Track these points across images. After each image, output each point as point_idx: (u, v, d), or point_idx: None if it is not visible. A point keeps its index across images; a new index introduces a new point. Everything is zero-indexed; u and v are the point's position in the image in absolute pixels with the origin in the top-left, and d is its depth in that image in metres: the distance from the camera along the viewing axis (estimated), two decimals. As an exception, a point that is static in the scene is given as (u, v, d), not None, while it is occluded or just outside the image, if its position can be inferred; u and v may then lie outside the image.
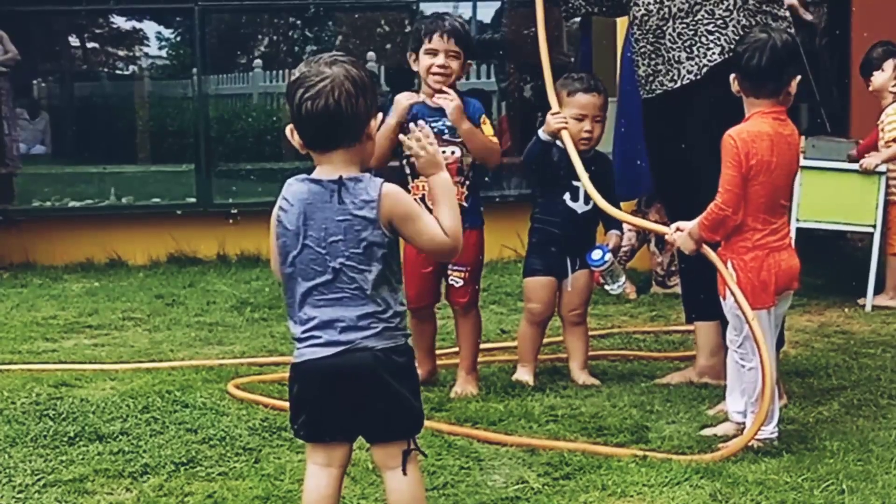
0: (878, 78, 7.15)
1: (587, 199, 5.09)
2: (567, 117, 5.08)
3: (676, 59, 4.86)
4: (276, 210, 3.12)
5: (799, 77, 4.36)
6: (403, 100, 4.96)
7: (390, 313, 3.06)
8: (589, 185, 4.91)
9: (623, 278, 5.24)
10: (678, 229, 4.38)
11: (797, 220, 6.75)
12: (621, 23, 7.70)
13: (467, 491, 3.83)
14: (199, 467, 4.06)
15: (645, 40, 4.96)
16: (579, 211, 5.21)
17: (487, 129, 4.97)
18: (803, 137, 7.05)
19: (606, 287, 5.23)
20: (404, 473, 3.11)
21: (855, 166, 6.90)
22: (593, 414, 4.64)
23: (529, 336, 5.25)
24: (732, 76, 4.30)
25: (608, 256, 5.11)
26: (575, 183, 5.10)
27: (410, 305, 4.90)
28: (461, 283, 5.05)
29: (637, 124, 5.46)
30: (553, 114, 5.07)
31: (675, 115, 4.90)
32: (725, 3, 4.79)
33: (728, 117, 4.33)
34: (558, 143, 5.10)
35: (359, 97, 3.01)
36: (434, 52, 4.93)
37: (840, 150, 7.09)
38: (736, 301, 4.15)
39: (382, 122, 4.45)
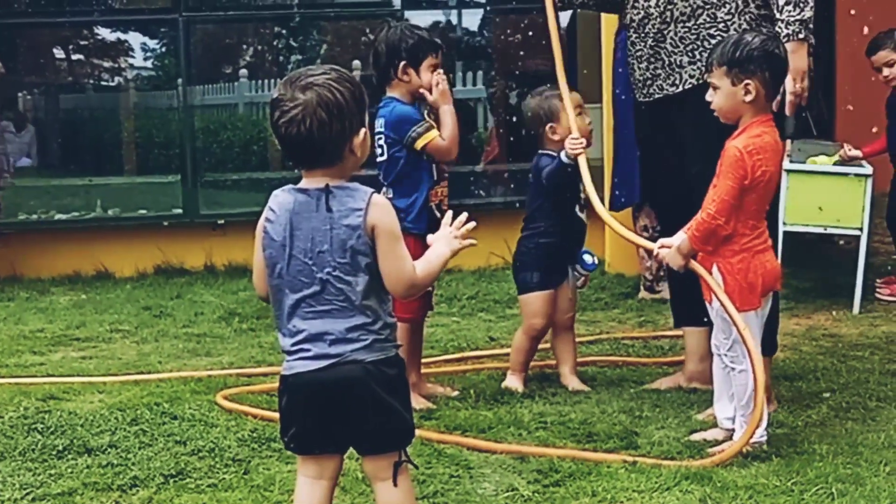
0: None
1: (581, 207, 5.22)
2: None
3: (678, 63, 4.85)
4: (261, 221, 3.10)
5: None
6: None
7: (380, 324, 3.06)
8: (597, 202, 4.92)
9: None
10: (663, 246, 4.34)
11: (784, 223, 6.76)
12: (605, 27, 7.72)
13: (457, 499, 3.83)
14: (189, 479, 4.05)
15: (643, 43, 4.94)
16: (585, 220, 5.28)
17: None
18: (789, 141, 7.07)
19: None
20: (395, 485, 3.11)
21: (842, 169, 6.92)
22: (583, 420, 4.64)
23: (526, 348, 5.24)
24: (755, 82, 4.20)
25: (597, 260, 5.32)
26: (582, 194, 5.15)
27: (412, 316, 4.90)
28: (433, 287, 5.06)
29: (632, 131, 5.45)
30: (573, 138, 5.00)
31: (670, 119, 4.89)
32: (728, 6, 4.78)
33: (723, 122, 4.33)
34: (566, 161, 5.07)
35: (332, 123, 2.99)
36: (436, 67, 4.95)
37: (826, 154, 7.11)
38: (724, 308, 4.14)
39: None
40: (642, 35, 4.93)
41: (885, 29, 7.27)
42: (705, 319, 4.49)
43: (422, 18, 9.36)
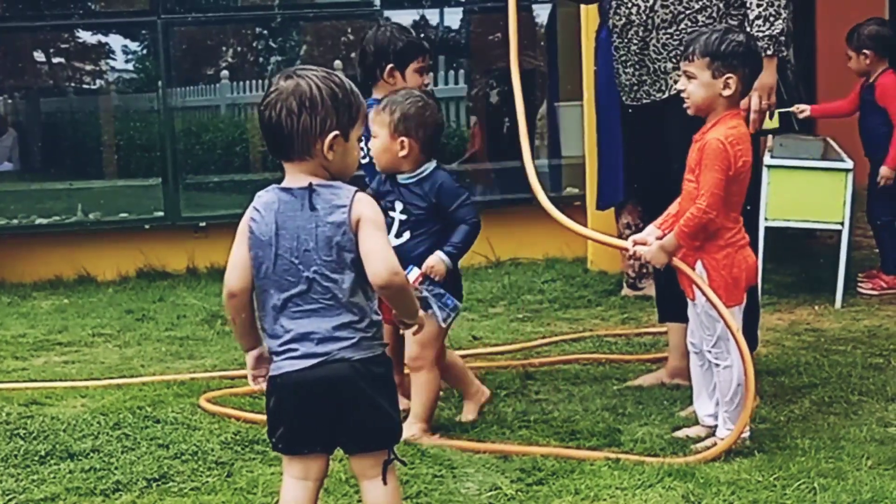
0: None
1: (399, 232, 4.44)
2: None
3: (663, 69, 4.85)
4: (246, 220, 3.10)
5: None
6: None
7: (366, 322, 3.06)
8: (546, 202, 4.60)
9: (436, 308, 4.40)
10: (636, 242, 4.30)
11: (765, 219, 6.77)
12: (585, 24, 7.72)
13: (441, 499, 3.83)
14: (172, 483, 4.04)
15: (626, 49, 4.93)
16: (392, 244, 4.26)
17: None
18: (771, 136, 7.08)
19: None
20: (385, 483, 3.11)
21: (823, 164, 6.93)
22: (565, 418, 4.64)
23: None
24: (736, 77, 4.17)
25: (412, 275, 4.28)
26: (391, 214, 4.43)
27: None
28: None
29: (615, 130, 5.43)
30: None
31: (657, 121, 4.88)
32: (708, 10, 4.77)
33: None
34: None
35: (301, 113, 3.00)
36: (423, 70, 4.92)
37: (808, 149, 7.12)
38: (713, 304, 4.13)
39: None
40: (626, 41, 4.93)
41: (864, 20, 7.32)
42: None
43: (402, 17, 9.37)
